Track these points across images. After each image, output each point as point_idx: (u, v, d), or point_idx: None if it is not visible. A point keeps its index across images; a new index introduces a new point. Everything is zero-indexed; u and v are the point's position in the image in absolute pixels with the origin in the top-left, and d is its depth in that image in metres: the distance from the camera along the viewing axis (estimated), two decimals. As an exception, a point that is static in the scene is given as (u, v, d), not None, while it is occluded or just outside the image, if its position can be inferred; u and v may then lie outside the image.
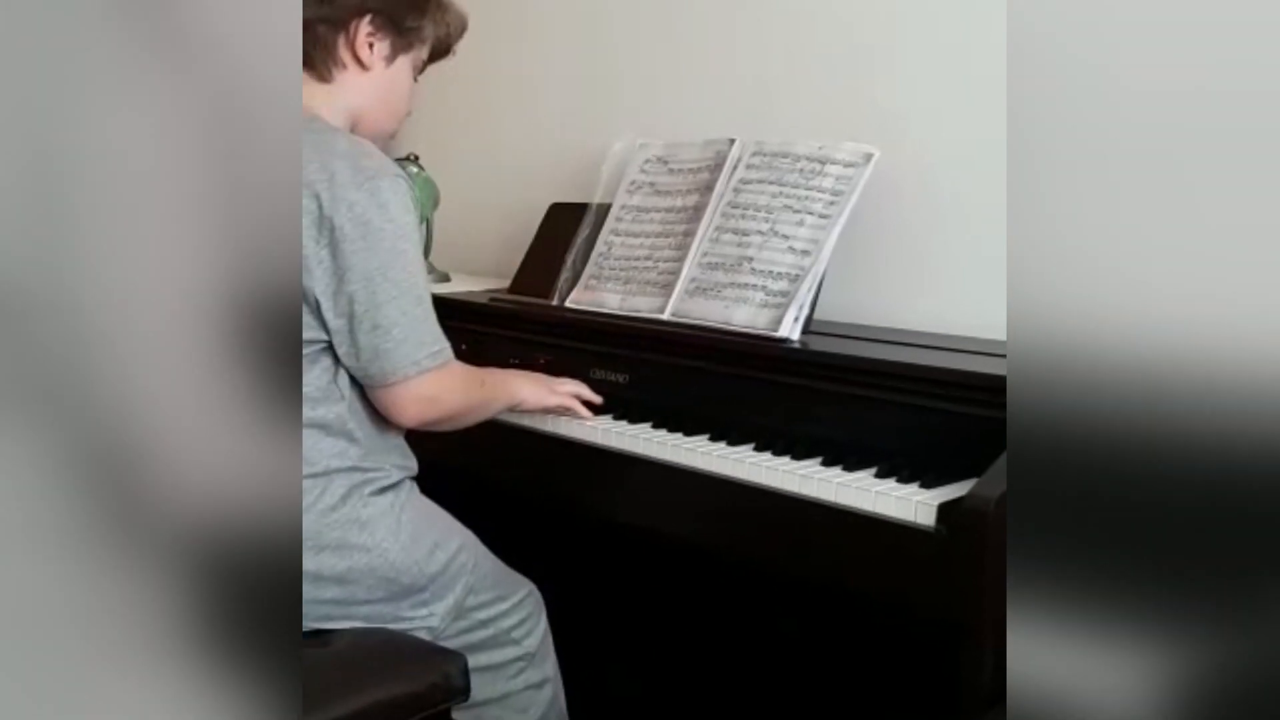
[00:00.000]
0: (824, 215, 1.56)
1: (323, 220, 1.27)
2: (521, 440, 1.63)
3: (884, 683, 1.54)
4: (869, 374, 1.39)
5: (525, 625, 1.48)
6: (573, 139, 2.19)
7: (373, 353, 1.30)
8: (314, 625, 1.32)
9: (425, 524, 1.40)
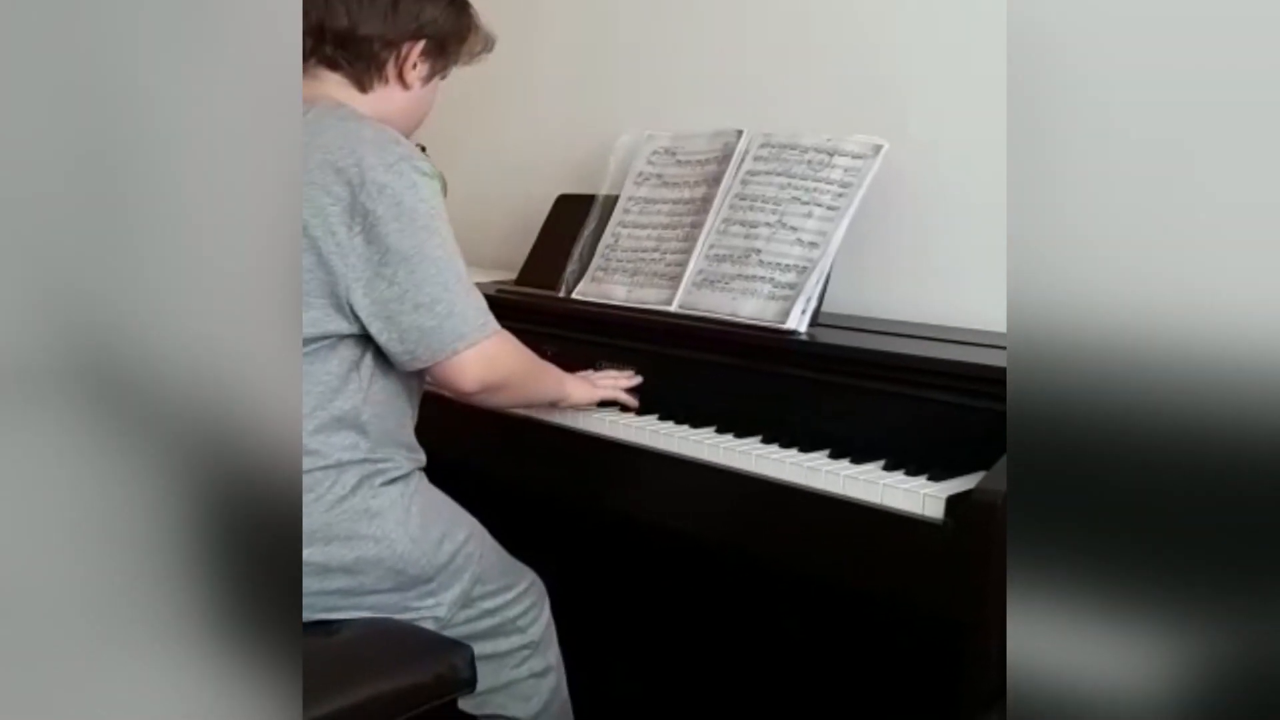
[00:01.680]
0: (832, 207, 1.55)
1: (355, 206, 1.27)
2: (527, 433, 1.63)
3: (889, 675, 1.54)
4: (877, 366, 1.38)
5: (529, 614, 1.49)
6: (580, 131, 2.19)
7: (418, 332, 1.29)
8: (320, 615, 1.32)
9: (434, 514, 1.40)
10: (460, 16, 1.46)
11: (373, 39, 1.38)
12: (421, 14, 1.40)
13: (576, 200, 1.94)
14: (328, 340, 1.31)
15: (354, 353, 1.33)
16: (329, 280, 1.28)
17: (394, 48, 1.40)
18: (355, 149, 1.29)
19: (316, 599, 1.30)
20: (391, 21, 1.39)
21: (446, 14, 1.43)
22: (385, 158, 1.29)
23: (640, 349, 1.64)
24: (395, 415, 1.38)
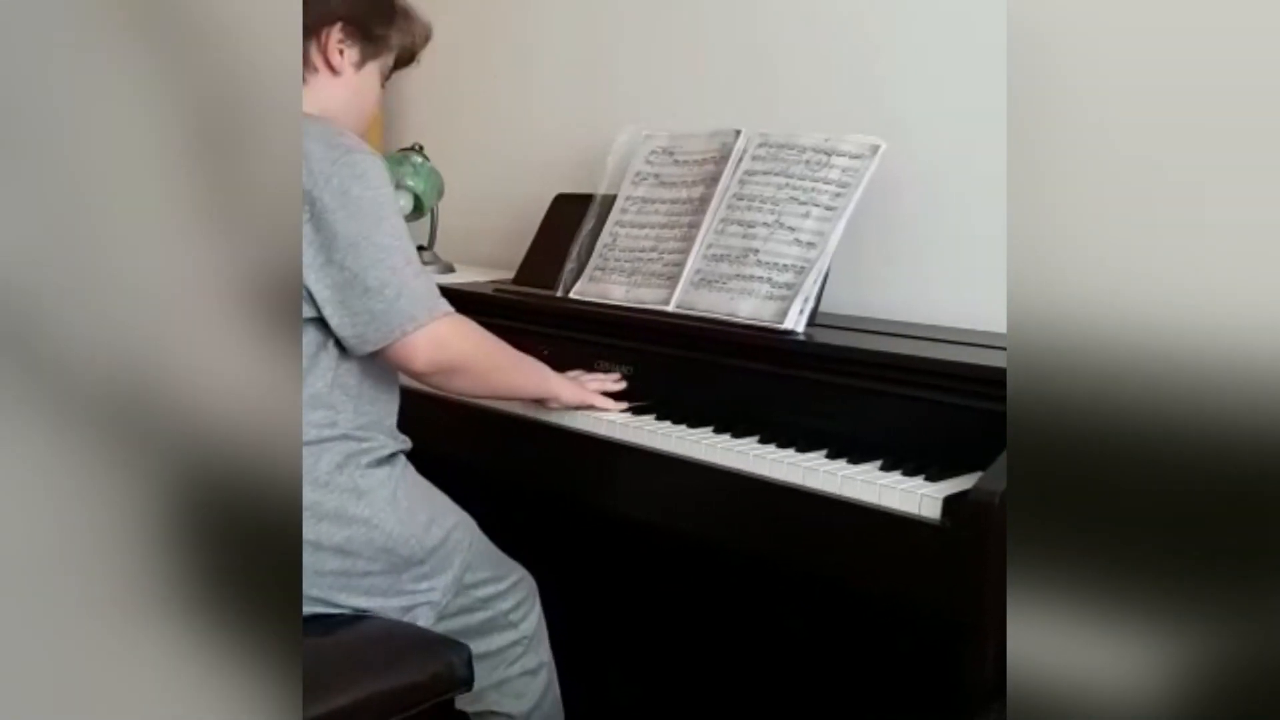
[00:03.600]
0: (830, 207, 1.55)
1: (304, 198, 1.30)
2: (522, 431, 1.63)
3: (887, 675, 1.54)
4: (874, 366, 1.39)
5: (521, 608, 1.50)
6: (578, 130, 2.19)
7: (368, 315, 1.32)
8: (320, 600, 1.33)
9: (421, 500, 1.42)
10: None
11: None
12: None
13: (574, 200, 1.94)
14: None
15: (319, 335, 1.35)
16: None
17: (312, 33, 1.42)
18: (304, 144, 1.31)
19: (313, 580, 1.31)
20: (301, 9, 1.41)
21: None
22: (332, 152, 1.32)
23: (638, 349, 1.64)
24: (367, 397, 1.40)
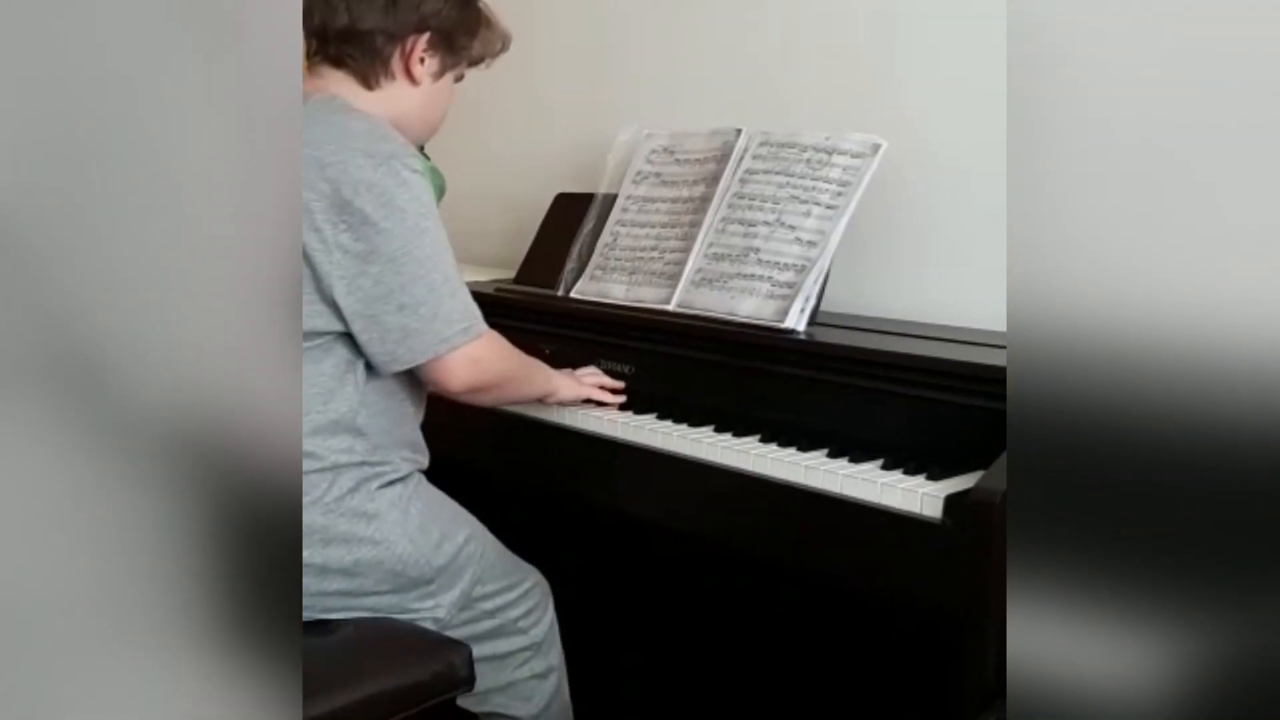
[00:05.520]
0: (831, 206, 1.55)
1: (339, 203, 1.26)
2: (526, 431, 1.63)
3: (888, 674, 1.54)
4: (875, 365, 1.38)
5: (532, 615, 1.48)
6: (579, 129, 2.19)
7: (401, 333, 1.29)
8: (319, 616, 1.32)
9: (433, 515, 1.39)
10: (465, 9, 1.46)
11: (375, 33, 1.38)
12: (423, 6, 1.40)
13: (575, 199, 1.94)
14: (321, 340, 1.30)
15: (349, 354, 1.32)
16: (313, 277, 1.28)
17: (397, 41, 1.40)
18: (344, 144, 1.28)
19: (314, 600, 1.30)
20: (392, 15, 1.38)
21: (450, 6, 1.42)
22: (374, 154, 1.28)
23: (639, 348, 1.64)
24: (393, 416, 1.38)
